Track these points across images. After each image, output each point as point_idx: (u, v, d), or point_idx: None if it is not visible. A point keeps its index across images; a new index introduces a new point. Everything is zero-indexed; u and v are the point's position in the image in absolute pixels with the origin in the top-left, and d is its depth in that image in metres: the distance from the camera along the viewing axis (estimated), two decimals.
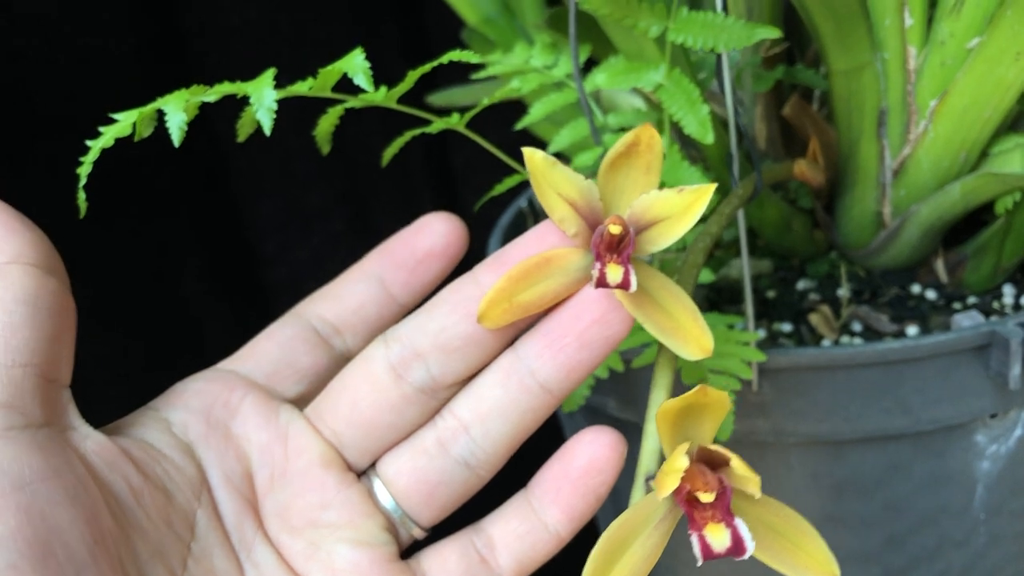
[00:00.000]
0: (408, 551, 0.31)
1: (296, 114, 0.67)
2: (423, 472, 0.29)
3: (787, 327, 0.39)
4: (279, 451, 0.30)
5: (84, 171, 0.27)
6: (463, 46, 0.49)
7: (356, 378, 0.30)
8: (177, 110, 0.26)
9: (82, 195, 0.27)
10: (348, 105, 0.31)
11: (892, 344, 0.34)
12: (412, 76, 0.29)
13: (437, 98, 0.55)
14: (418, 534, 0.30)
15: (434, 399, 0.30)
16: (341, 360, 0.32)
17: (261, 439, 0.30)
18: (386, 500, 0.30)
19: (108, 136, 0.27)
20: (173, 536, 0.27)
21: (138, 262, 0.62)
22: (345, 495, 0.29)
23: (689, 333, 0.27)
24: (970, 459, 0.37)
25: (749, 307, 0.35)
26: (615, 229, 0.26)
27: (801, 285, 0.41)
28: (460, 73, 0.54)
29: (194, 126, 0.67)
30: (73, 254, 0.59)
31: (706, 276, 0.39)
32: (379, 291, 0.32)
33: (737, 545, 0.22)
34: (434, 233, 0.32)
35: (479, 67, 0.46)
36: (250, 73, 0.30)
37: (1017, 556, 0.40)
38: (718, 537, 0.22)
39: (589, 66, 0.39)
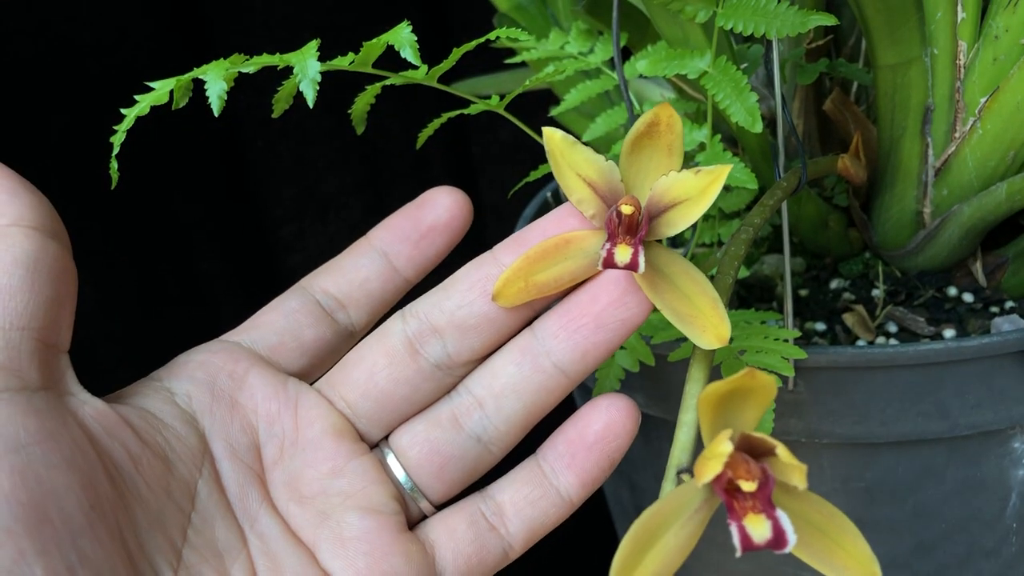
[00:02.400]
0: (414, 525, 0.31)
1: (317, 98, 0.66)
2: (436, 444, 0.30)
3: (821, 326, 0.38)
4: (289, 421, 0.29)
5: (118, 139, 0.26)
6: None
7: (373, 351, 0.30)
8: (217, 79, 0.25)
9: (114, 164, 0.27)
10: (388, 82, 0.30)
11: (934, 346, 0.33)
12: (456, 53, 0.29)
13: (461, 87, 0.54)
14: (427, 508, 0.30)
15: (449, 375, 0.30)
16: (345, 334, 0.32)
17: (270, 409, 0.29)
18: (398, 472, 0.30)
19: (144, 104, 0.26)
20: (173, 506, 0.27)
21: (154, 245, 0.62)
22: (357, 463, 0.29)
23: (708, 321, 0.26)
24: (1006, 466, 0.36)
25: (788, 304, 0.34)
26: (627, 209, 0.26)
27: (834, 284, 0.41)
28: (484, 64, 0.54)
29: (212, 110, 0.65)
30: (90, 234, 0.58)
31: (740, 272, 0.39)
32: (383, 265, 0.32)
33: (778, 538, 0.21)
34: (439, 207, 0.31)
35: (507, 55, 0.46)
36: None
37: None
38: (759, 528, 0.21)
39: (624, 56, 0.38)
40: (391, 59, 0.31)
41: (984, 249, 0.39)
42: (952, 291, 0.39)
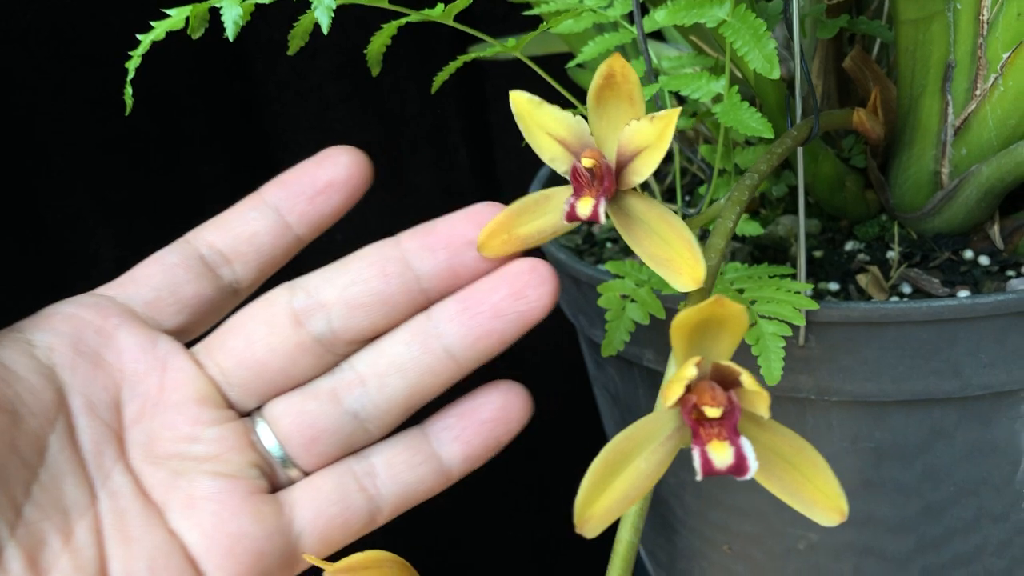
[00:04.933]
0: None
1: (334, 60, 0.66)
2: (310, 417, 0.29)
3: (834, 286, 0.38)
4: (155, 382, 0.29)
5: (133, 64, 0.26)
6: None
7: (254, 319, 0.30)
8: (233, 4, 0.25)
9: (129, 90, 0.27)
10: (405, 21, 0.30)
11: (948, 302, 0.33)
12: None
13: (479, 48, 0.54)
14: (297, 477, 0.30)
15: (331, 353, 0.30)
16: (228, 291, 0.31)
17: (136, 369, 0.29)
18: (269, 441, 0.30)
19: (160, 29, 0.26)
20: (17, 460, 0.26)
21: (173, 207, 0.62)
22: (218, 431, 0.29)
23: (684, 263, 0.27)
24: (1017, 429, 0.36)
25: (802, 258, 0.34)
26: (588, 162, 0.26)
27: (849, 246, 0.40)
28: (503, 27, 0.53)
29: (232, 70, 0.66)
30: (107, 196, 0.58)
31: (754, 229, 0.38)
32: (275, 220, 0.31)
33: (739, 464, 0.21)
34: (337, 164, 0.31)
35: (526, 8, 0.45)
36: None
37: None
38: (721, 454, 0.21)
39: (643, 13, 0.38)
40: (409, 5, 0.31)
41: (1003, 213, 0.39)
42: (968, 254, 0.39)
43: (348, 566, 0.25)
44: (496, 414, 0.29)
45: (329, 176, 0.30)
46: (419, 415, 0.30)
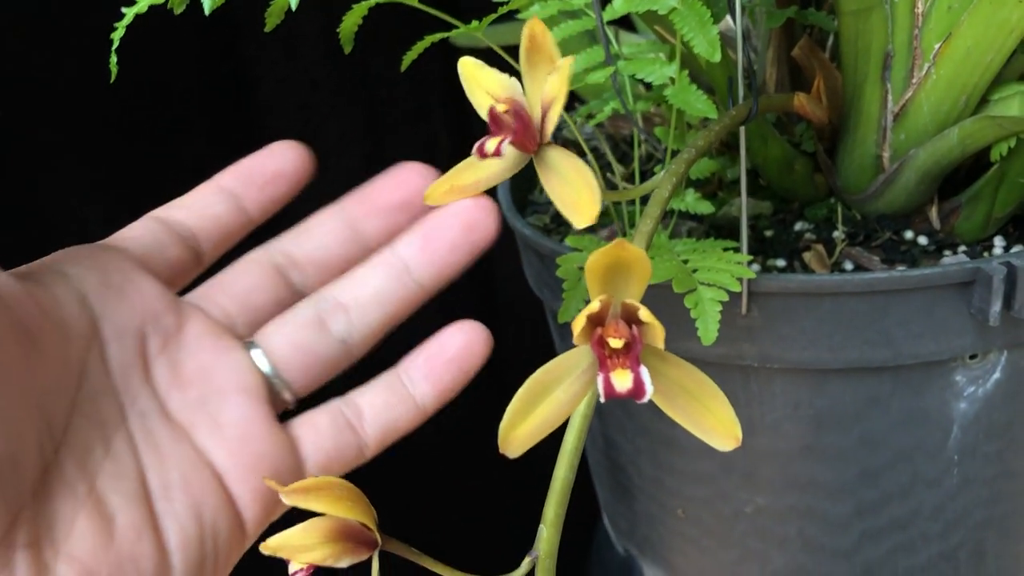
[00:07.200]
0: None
1: (323, 45, 0.68)
2: (306, 342, 0.33)
3: (781, 263, 0.40)
4: (173, 319, 0.32)
5: (117, 35, 0.28)
6: None
7: (248, 273, 0.34)
8: None
9: (114, 58, 0.29)
10: (375, 1, 0.32)
11: (879, 275, 0.35)
12: None
13: (459, 36, 0.56)
14: (290, 400, 0.33)
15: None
16: (196, 261, 0.35)
17: (156, 307, 0.32)
18: (264, 366, 0.33)
19: (142, 4, 0.28)
20: (68, 377, 0.29)
21: (159, 187, 0.64)
22: (234, 356, 0.32)
23: (584, 203, 0.29)
24: (948, 398, 0.38)
25: (743, 230, 0.36)
26: (500, 107, 0.29)
27: (798, 226, 0.43)
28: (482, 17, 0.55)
29: (223, 51, 0.67)
30: (97, 174, 0.60)
31: (706, 207, 0.41)
32: (233, 204, 0.35)
33: (638, 388, 0.24)
34: (282, 157, 0.35)
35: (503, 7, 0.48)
36: None
37: (987, 501, 0.41)
38: (621, 380, 0.24)
39: (606, 1, 0.40)
40: None
41: (942, 196, 0.41)
42: (908, 234, 0.41)
43: (302, 487, 0.28)
44: (461, 352, 0.33)
45: (276, 167, 0.35)
46: (392, 359, 0.34)
